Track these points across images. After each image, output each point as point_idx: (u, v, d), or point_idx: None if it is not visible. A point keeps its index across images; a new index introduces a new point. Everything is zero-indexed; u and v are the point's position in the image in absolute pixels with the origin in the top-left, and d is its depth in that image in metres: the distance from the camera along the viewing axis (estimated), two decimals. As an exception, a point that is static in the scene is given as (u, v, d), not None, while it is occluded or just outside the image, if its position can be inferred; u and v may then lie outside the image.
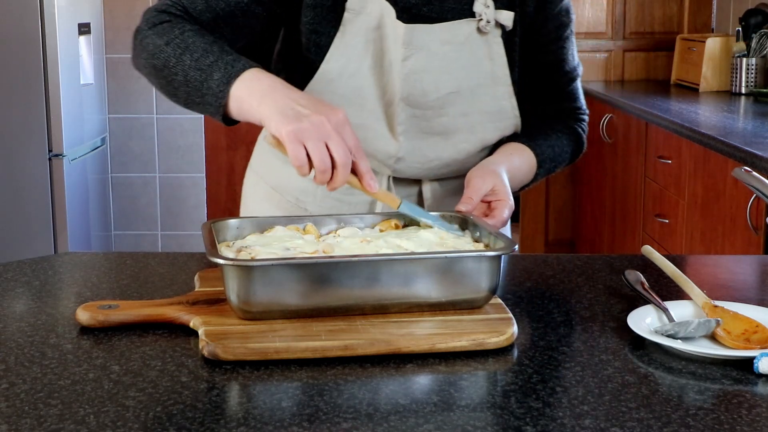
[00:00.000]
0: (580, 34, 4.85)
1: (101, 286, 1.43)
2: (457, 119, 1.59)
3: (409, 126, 1.58)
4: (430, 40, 1.54)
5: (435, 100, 1.57)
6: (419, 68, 1.55)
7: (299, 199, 1.68)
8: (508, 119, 1.62)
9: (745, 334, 1.17)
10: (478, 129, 1.61)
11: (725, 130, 3.14)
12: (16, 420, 0.97)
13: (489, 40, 1.57)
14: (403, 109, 1.57)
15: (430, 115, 1.58)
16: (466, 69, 1.57)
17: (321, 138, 1.27)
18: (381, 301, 1.21)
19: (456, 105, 1.58)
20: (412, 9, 1.54)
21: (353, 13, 1.54)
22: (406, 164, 1.61)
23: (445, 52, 1.55)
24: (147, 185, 4.82)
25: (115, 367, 1.10)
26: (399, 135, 1.58)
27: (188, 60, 1.41)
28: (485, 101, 1.60)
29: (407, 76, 1.54)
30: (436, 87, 1.56)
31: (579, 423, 0.96)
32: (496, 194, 1.47)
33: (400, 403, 1.01)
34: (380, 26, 1.54)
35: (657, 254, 1.44)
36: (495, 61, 1.59)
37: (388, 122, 1.58)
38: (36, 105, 3.90)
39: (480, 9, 1.55)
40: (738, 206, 2.88)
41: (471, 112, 1.60)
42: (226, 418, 0.98)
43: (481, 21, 1.55)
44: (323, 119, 1.28)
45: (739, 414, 0.99)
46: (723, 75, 4.24)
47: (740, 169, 1.43)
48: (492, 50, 1.58)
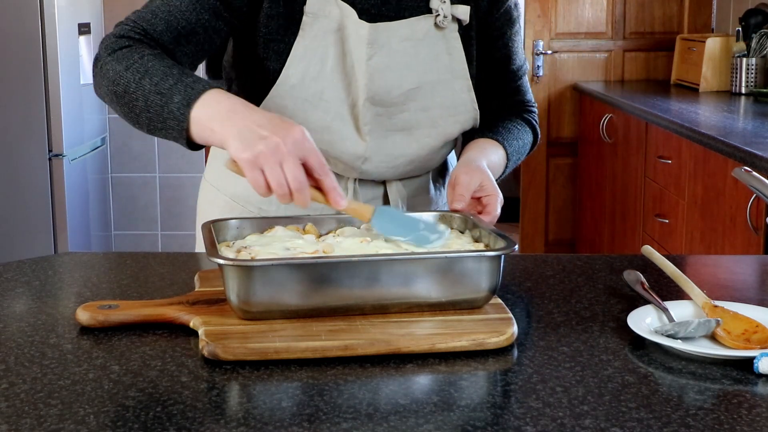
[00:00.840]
0: (580, 34, 4.85)
1: (101, 286, 1.43)
2: (418, 114, 1.61)
3: (374, 125, 1.59)
4: (391, 37, 1.56)
5: (398, 97, 1.58)
6: (383, 66, 1.56)
7: (262, 209, 1.67)
8: (467, 112, 1.64)
9: (745, 334, 1.17)
10: (439, 123, 1.63)
11: (725, 130, 3.14)
12: (16, 420, 0.97)
13: (447, 35, 1.59)
14: (368, 109, 1.58)
15: (393, 112, 1.60)
16: (426, 64, 1.59)
17: (276, 162, 1.25)
18: (381, 301, 1.21)
19: (417, 100, 1.60)
20: (371, 10, 1.56)
21: (312, 17, 1.54)
22: (373, 164, 1.62)
23: (405, 49, 1.57)
24: (147, 185, 4.82)
25: (115, 367, 1.10)
26: (365, 135, 1.59)
27: (148, 84, 1.39)
28: (445, 95, 1.62)
29: (372, 76, 1.55)
30: (399, 84, 1.57)
31: (579, 423, 0.96)
32: (484, 190, 1.48)
33: (400, 403, 1.01)
34: (341, 28, 1.55)
35: (657, 254, 1.44)
36: (453, 55, 1.61)
37: (354, 123, 1.59)
38: (36, 105, 3.90)
39: (436, 5, 1.57)
40: (738, 206, 2.88)
41: (431, 106, 1.61)
42: (226, 418, 0.98)
43: (438, 16, 1.57)
44: (279, 142, 1.25)
45: (739, 414, 0.99)
46: (723, 75, 4.24)
47: (740, 169, 1.43)
48: (450, 45, 1.60)
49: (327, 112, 1.57)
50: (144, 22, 1.48)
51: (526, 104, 1.76)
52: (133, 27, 1.48)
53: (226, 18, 1.53)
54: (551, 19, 4.83)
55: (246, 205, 1.69)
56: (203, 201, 1.80)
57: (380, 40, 1.55)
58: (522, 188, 4.97)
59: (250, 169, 1.26)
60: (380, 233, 1.33)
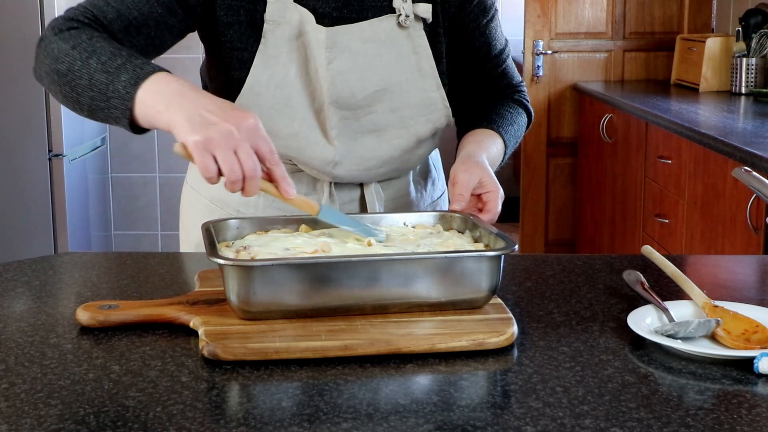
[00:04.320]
0: (580, 34, 4.85)
1: (101, 286, 1.43)
2: (387, 115, 1.60)
3: (341, 129, 1.58)
4: (351, 40, 1.55)
5: (363, 99, 1.57)
6: (344, 69, 1.55)
7: (240, 212, 1.66)
8: (438, 111, 1.63)
9: (745, 334, 1.17)
10: (409, 123, 1.62)
11: (725, 130, 3.14)
12: (16, 420, 0.97)
13: (411, 34, 1.58)
14: (334, 113, 1.57)
15: (360, 114, 1.59)
16: (391, 65, 1.58)
17: (229, 147, 1.22)
18: (381, 301, 1.21)
19: (384, 101, 1.59)
20: (332, 13, 1.55)
21: (273, 23, 1.53)
22: (345, 168, 1.61)
23: (367, 51, 1.56)
24: (147, 185, 4.82)
25: (115, 367, 1.10)
26: (333, 139, 1.58)
27: (95, 63, 1.36)
28: (414, 95, 1.61)
29: (334, 80, 1.55)
30: (362, 86, 1.57)
31: (579, 423, 0.96)
32: (484, 186, 1.47)
33: (400, 403, 1.01)
34: (302, 33, 1.54)
35: (657, 254, 1.44)
36: (419, 54, 1.60)
37: (321, 128, 1.58)
38: (36, 105, 3.90)
39: (398, 4, 1.56)
40: (738, 206, 2.88)
41: (400, 107, 1.60)
42: (226, 418, 0.98)
43: (400, 16, 1.56)
44: (231, 128, 1.23)
45: (739, 414, 0.99)
46: (723, 75, 4.24)
47: (740, 169, 1.43)
48: (415, 44, 1.59)
49: (293, 118, 1.57)
50: (95, 9, 1.46)
51: (515, 86, 1.75)
52: (84, 12, 1.46)
53: (179, 15, 1.51)
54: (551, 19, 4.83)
55: (224, 207, 1.68)
56: (185, 204, 1.80)
57: (339, 44, 1.54)
58: (522, 188, 4.97)
59: (201, 153, 1.22)
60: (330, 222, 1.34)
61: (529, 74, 4.80)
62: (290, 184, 1.28)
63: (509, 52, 1.74)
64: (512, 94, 1.74)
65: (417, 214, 1.46)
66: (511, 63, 1.75)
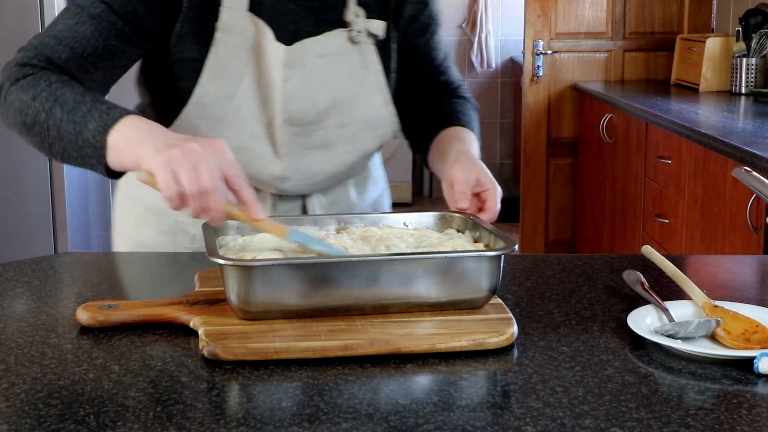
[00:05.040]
0: (580, 34, 4.85)
1: (101, 286, 1.43)
2: (336, 131, 1.58)
3: (291, 145, 1.56)
4: (306, 55, 1.53)
5: (314, 115, 1.55)
6: (299, 86, 1.53)
7: (178, 221, 1.62)
8: (386, 126, 1.62)
9: (745, 334, 1.17)
10: (357, 139, 1.61)
11: (725, 130, 3.14)
12: (16, 420, 0.97)
13: (362, 50, 1.57)
14: (285, 130, 1.54)
15: (310, 130, 1.56)
16: (341, 80, 1.56)
17: (192, 162, 1.20)
18: (381, 301, 1.21)
19: (334, 117, 1.57)
20: (288, 26, 1.52)
21: (224, 33, 1.48)
22: (292, 183, 1.59)
23: (320, 66, 1.54)
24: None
25: (115, 367, 1.10)
26: (282, 156, 1.56)
27: (59, 113, 1.34)
28: (362, 110, 1.59)
29: (289, 97, 1.52)
30: (315, 102, 1.54)
31: (579, 423, 0.96)
32: (482, 184, 1.46)
33: (400, 403, 1.01)
34: (256, 45, 1.50)
35: (657, 254, 1.44)
36: (369, 69, 1.58)
37: (271, 143, 1.55)
38: (36, 105, 3.90)
39: (351, 18, 1.54)
40: (738, 206, 2.88)
41: (349, 122, 1.59)
42: (226, 418, 0.98)
43: (352, 31, 1.54)
44: (196, 146, 1.22)
45: (739, 414, 0.99)
46: (723, 75, 4.24)
47: (740, 169, 1.43)
48: (366, 59, 1.57)
49: (242, 131, 1.53)
50: (47, 49, 1.42)
51: (458, 86, 1.78)
52: (36, 55, 1.42)
53: (135, 41, 1.47)
54: (551, 19, 4.83)
55: (162, 216, 1.62)
56: (118, 209, 1.74)
57: (296, 61, 1.52)
58: (522, 188, 4.97)
59: (163, 170, 1.21)
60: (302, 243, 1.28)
61: (529, 74, 4.80)
62: (259, 207, 1.25)
63: (449, 55, 1.77)
64: (458, 92, 1.77)
65: (417, 214, 1.45)
66: (452, 65, 1.79)
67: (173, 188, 1.21)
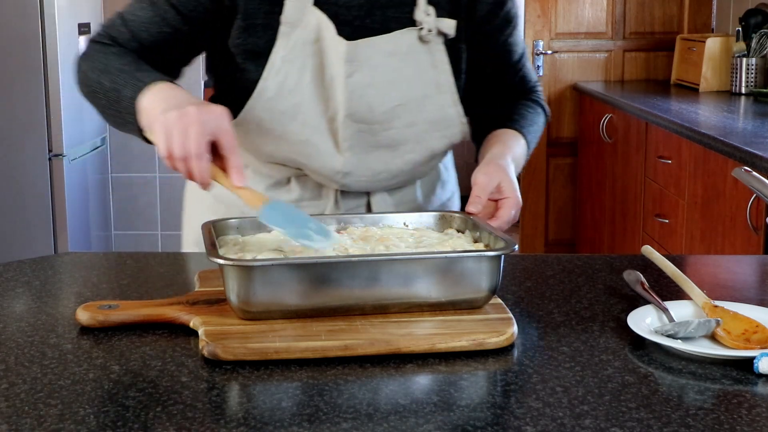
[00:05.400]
0: (580, 34, 4.85)
1: (101, 286, 1.43)
2: (404, 131, 1.58)
3: (354, 141, 1.56)
4: (373, 53, 1.52)
5: (381, 114, 1.55)
6: (365, 83, 1.52)
7: (244, 212, 1.60)
8: (454, 126, 1.61)
9: (745, 334, 1.17)
10: (425, 139, 1.60)
11: (725, 130, 3.14)
12: (16, 420, 0.97)
13: (432, 49, 1.55)
14: (349, 125, 1.54)
15: (377, 129, 1.56)
16: (411, 80, 1.55)
17: (184, 127, 1.26)
18: (381, 301, 1.21)
19: (402, 117, 1.56)
20: (353, 22, 1.51)
21: (289, 26, 1.50)
22: (354, 178, 1.59)
23: (389, 65, 1.53)
24: (147, 185, 4.82)
25: (115, 367, 1.10)
26: (345, 150, 1.56)
27: (106, 82, 1.44)
28: (431, 111, 1.58)
29: (352, 93, 1.52)
30: (382, 101, 1.54)
31: (579, 423, 0.96)
32: (502, 192, 1.46)
33: (400, 403, 1.01)
34: (319, 39, 1.51)
35: (657, 254, 1.44)
36: (439, 69, 1.57)
37: (333, 138, 1.56)
38: (36, 105, 3.90)
39: (421, 17, 1.53)
40: (738, 206, 2.88)
41: (417, 122, 1.58)
42: (226, 418, 0.98)
43: (422, 30, 1.53)
44: (192, 110, 1.27)
45: (739, 414, 0.99)
46: (723, 75, 4.24)
47: (740, 169, 1.43)
48: (435, 59, 1.56)
49: (305, 125, 1.54)
50: (113, 29, 1.52)
51: (533, 87, 1.75)
52: (104, 32, 1.53)
53: (186, 32, 1.51)
54: (551, 19, 4.83)
55: (230, 206, 1.65)
56: (189, 198, 1.79)
57: (360, 57, 1.51)
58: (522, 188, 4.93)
59: (159, 132, 1.28)
60: (265, 223, 1.30)
61: (529, 74, 4.80)
62: (242, 174, 1.29)
63: (527, 56, 1.74)
64: (529, 95, 1.73)
65: (417, 214, 1.46)
66: (528, 64, 1.75)
67: (164, 150, 1.29)
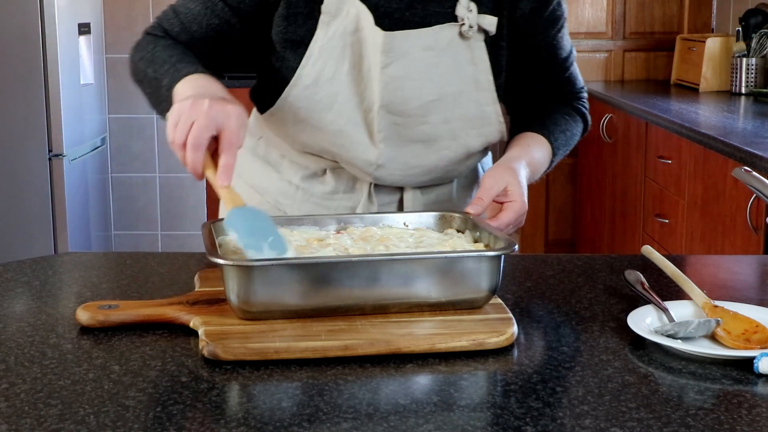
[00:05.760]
0: (580, 34, 4.85)
1: (101, 286, 1.43)
2: (439, 126, 1.57)
3: (389, 133, 1.56)
4: (411, 46, 1.52)
5: (417, 108, 1.55)
6: (400, 75, 1.52)
7: (279, 201, 1.67)
8: (491, 125, 1.60)
9: (745, 334, 1.17)
10: (460, 135, 1.59)
11: (725, 130, 3.14)
12: (16, 420, 0.97)
13: (472, 45, 1.54)
14: (383, 117, 1.54)
15: (412, 123, 1.56)
16: (448, 75, 1.55)
17: (191, 118, 1.29)
18: (381, 301, 1.21)
19: (438, 112, 1.56)
20: (393, 14, 1.52)
21: (329, 16, 1.51)
22: (387, 171, 1.59)
23: (426, 59, 1.53)
24: (147, 185, 4.82)
25: (115, 367, 1.10)
26: (379, 142, 1.56)
27: (151, 72, 1.49)
28: (467, 107, 1.57)
29: (387, 84, 1.52)
30: (418, 94, 1.54)
31: (579, 423, 0.96)
32: (508, 195, 1.46)
33: (400, 403, 1.01)
34: (358, 30, 1.52)
35: (657, 254, 1.44)
36: (478, 66, 1.56)
37: (368, 129, 1.56)
38: (36, 105, 3.90)
39: (462, 13, 1.52)
40: (738, 206, 2.88)
41: (453, 118, 1.57)
42: (226, 418, 0.98)
43: (463, 26, 1.52)
44: (203, 102, 1.29)
45: (739, 414, 0.99)
46: (723, 75, 4.24)
47: (740, 169, 1.43)
48: (475, 55, 1.55)
49: (340, 115, 1.55)
50: (165, 21, 1.57)
51: (576, 93, 1.72)
52: (157, 24, 1.58)
53: (234, 22, 1.54)
54: (551, 19, 4.83)
55: (265, 195, 1.69)
56: None
57: (398, 49, 1.51)
58: (522, 188, 4.96)
59: (170, 118, 1.32)
60: (226, 226, 1.31)
61: (529, 74, 4.80)
62: (228, 174, 1.29)
63: (574, 57, 1.69)
64: (571, 101, 1.71)
65: (417, 214, 1.46)
66: (575, 69, 1.71)
67: (169, 134, 1.32)
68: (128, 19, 4.55)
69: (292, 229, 1.39)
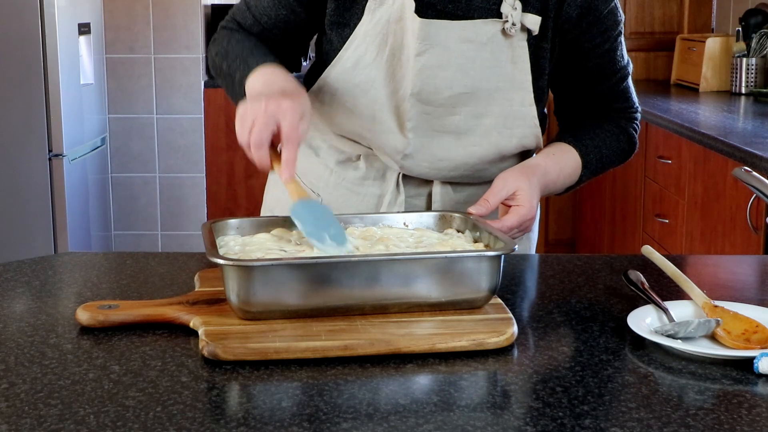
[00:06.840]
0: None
1: (101, 286, 1.43)
2: (469, 120, 1.57)
3: (418, 122, 1.56)
4: (447, 36, 1.52)
5: (447, 99, 1.55)
6: (433, 64, 1.53)
7: (314, 184, 1.70)
8: (526, 127, 1.58)
9: (745, 334, 1.17)
10: (491, 133, 1.58)
11: (725, 130, 3.14)
12: (16, 420, 0.97)
13: (513, 44, 1.54)
14: (414, 105, 1.55)
15: (441, 113, 1.56)
16: (484, 70, 1.54)
17: (253, 118, 1.34)
18: (381, 301, 1.21)
19: (469, 105, 1.56)
20: (436, 5, 1.53)
21: (376, 3, 1.54)
22: (414, 162, 1.60)
23: (463, 51, 1.53)
24: (147, 185, 4.82)
25: (115, 367, 1.10)
26: (408, 131, 1.56)
27: (225, 67, 1.58)
28: (501, 105, 1.56)
29: (420, 72, 1.53)
30: (450, 84, 1.54)
31: (579, 423, 0.96)
32: (516, 199, 1.46)
33: (400, 403, 1.01)
34: (401, 18, 1.54)
35: (657, 254, 1.44)
36: (517, 65, 1.55)
37: (398, 117, 1.57)
38: (36, 105, 3.90)
39: (507, 10, 1.51)
40: (738, 206, 2.88)
41: (485, 114, 1.56)
42: (226, 418, 0.98)
43: (506, 23, 1.52)
44: (263, 104, 1.34)
45: (739, 414, 0.99)
46: (723, 75, 4.24)
47: (740, 169, 1.43)
48: (515, 54, 1.54)
49: (374, 101, 1.57)
50: (238, 15, 1.65)
51: (627, 110, 1.67)
52: (232, 18, 1.66)
53: (300, 13, 1.60)
54: (551, 19, 4.83)
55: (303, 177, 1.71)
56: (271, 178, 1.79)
57: (434, 38, 1.51)
58: (522, 188, 4.96)
59: (237, 119, 1.37)
60: (291, 215, 1.35)
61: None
62: (290, 169, 1.33)
63: (628, 73, 1.65)
64: (619, 119, 1.66)
65: (417, 214, 1.46)
66: (628, 85, 1.66)
67: (238, 136, 1.37)
68: (128, 19, 4.55)
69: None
